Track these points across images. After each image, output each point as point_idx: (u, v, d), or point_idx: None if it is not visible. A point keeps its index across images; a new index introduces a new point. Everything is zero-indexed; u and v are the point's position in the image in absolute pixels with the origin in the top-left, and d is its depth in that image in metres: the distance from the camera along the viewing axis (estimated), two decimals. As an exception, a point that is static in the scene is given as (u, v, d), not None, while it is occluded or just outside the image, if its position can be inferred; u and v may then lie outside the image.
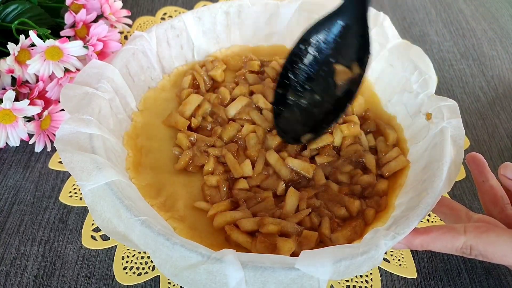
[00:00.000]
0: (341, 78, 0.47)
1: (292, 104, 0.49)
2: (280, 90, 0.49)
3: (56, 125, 0.52)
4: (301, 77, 0.49)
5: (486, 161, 0.42)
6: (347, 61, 0.47)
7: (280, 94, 0.49)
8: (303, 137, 0.48)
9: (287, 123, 0.49)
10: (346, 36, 0.47)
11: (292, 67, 0.49)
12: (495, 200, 0.39)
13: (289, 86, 0.49)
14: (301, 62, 0.49)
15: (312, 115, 0.48)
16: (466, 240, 0.34)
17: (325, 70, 0.48)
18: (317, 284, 0.33)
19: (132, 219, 0.36)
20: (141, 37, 0.53)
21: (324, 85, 0.48)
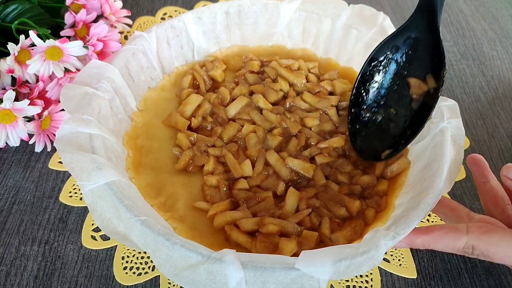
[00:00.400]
0: (415, 91, 0.47)
1: (367, 121, 0.50)
2: (353, 109, 0.50)
3: (56, 125, 0.52)
4: (374, 94, 0.50)
5: (486, 162, 0.42)
6: (421, 74, 0.47)
7: (354, 113, 0.50)
8: (383, 153, 0.47)
9: (364, 141, 0.49)
10: (417, 49, 0.47)
11: (364, 85, 0.50)
12: (496, 201, 0.39)
13: (363, 104, 0.50)
14: (372, 80, 0.49)
15: (388, 130, 0.48)
16: (468, 240, 0.34)
17: (398, 84, 0.48)
18: (317, 284, 0.33)
19: (132, 219, 0.36)
20: (141, 37, 0.53)
21: (398, 99, 0.48)
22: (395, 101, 0.49)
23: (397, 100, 0.48)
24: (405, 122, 0.47)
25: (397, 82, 0.48)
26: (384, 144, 0.48)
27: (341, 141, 0.50)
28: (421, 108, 0.47)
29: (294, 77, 0.56)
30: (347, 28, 0.58)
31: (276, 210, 0.44)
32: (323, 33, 0.60)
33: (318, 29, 0.60)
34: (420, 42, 0.47)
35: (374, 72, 0.49)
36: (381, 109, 0.49)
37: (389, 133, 0.48)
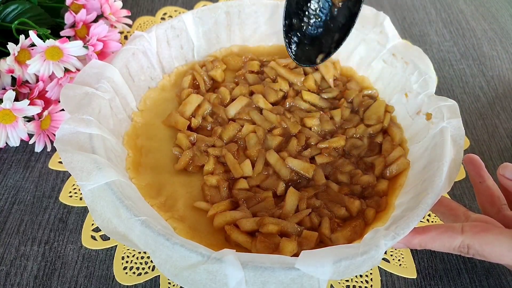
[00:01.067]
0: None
1: (298, 28, 0.52)
2: (287, 20, 0.52)
3: (56, 125, 0.52)
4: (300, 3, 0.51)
5: (483, 162, 0.43)
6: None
7: (288, 25, 0.52)
8: (317, 57, 0.51)
9: (299, 48, 0.52)
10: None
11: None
12: (492, 200, 0.40)
13: (293, 15, 0.52)
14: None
15: (317, 36, 0.52)
16: (463, 239, 0.34)
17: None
18: (317, 284, 0.33)
19: (132, 219, 0.36)
20: (141, 37, 0.53)
21: (320, 6, 0.51)
22: (316, 7, 0.52)
23: (318, 7, 0.51)
24: (333, 28, 0.51)
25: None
26: (316, 49, 0.52)
27: (341, 141, 0.50)
28: (344, 14, 0.50)
29: (294, 77, 0.56)
30: (347, 28, 0.58)
31: (276, 210, 0.44)
32: (323, 33, 0.60)
33: (318, 29, 0.60)
34: None
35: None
36: (305, 17, 0.52)
37: (318, 39, 0.52)
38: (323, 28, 0.52)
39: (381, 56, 0.56)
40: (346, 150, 0.51)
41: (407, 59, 0.53)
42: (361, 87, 0.58)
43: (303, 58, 0.52)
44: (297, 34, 0.52)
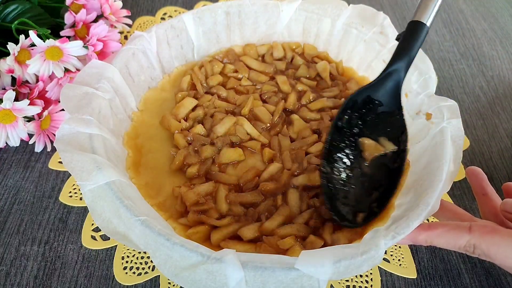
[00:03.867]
0: (370, 152, 0.45)
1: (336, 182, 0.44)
2: (328, 167, 0.45)
3: (56, 125, 0.52)
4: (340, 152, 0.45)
5: (485, 175, 0.43)
6: (374, 136, 0.45)
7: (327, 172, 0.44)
8: (357, 217, 0.42)
9: (337, 202, 0.44)
10: (376, 112, 0.46)
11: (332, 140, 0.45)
12: (495, 212, 0.40)
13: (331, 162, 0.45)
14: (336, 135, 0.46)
15: (351, 192, 0.44)
16: (470, 238, 0.34)
17: (355, 144, 0.45)
18: (317, 284, 0.33)
19: (132, 219, 0.36)
20: (141, 37, 0.53)
21: (356, 160, 0.45)
22: (350, 160, 0.45)
23: (352, 160, 0.45)
24: (364, 183, 0.44)
25: (353, 141, 0.46)
26: (351, 206, 0.43)
27: None
28: (381, 171, 0.44)
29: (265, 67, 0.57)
30: (347, 28, 0.58)
31: (277, 213, 0.44)
32: (323, 33, 0.60)
33: (318, 29, 0.60)
34: (378, 105, 0.46)
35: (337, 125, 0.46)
36: (342, 168, 0.45)
37: (351, 194, 0.44)
38: (355, 185, 0.44)
39: (381, 56, 0.56)
40: None
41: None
42: (361, 87, 0.58)
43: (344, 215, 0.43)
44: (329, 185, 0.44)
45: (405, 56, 0.44)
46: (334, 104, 0.55)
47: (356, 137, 0.46)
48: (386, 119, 0.46)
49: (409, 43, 0.43)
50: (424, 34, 0.43)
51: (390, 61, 0.45)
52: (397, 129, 0.45)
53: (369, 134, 0.46)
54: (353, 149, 0.46)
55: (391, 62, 0.45)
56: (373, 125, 0.46)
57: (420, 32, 0.42)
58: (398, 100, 0.45)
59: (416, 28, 0.43)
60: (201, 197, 0.44)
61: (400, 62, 0.44)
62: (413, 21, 0.43)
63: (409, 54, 0.43)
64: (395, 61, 0.44)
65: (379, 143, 0.45)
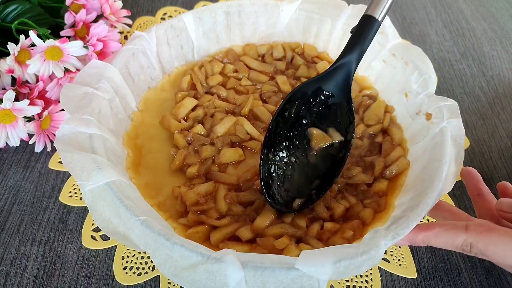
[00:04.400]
0: (318, 142, 0.46)
1: (276, 168, 0.45)
2: (266, 151, 0.45)
3: (56, 125, 0.52)
4: (282, 140, 0.46)
5: (480, 175, 0.43)
6: (325, 127, 0.46)
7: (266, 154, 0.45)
8: (294, 203, 0.44)
9: (276, 188, 0.45)
10: (326, 102, 0.47)
11: (276, 127, 0.46)
12: (491, 213, 0.40)
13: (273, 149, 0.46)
14: (283, 124, 0.46)
15: (293, 179, 0.45)
16: (467, 237, 0.34)
17: (302, 133, 0.46)
18: (317, 284, 0.33)
19: (132, 219, 0.36)
20: (141, 37, 0.53)
21: (302, 149, 0.46)
22: (297, 149, 0.46)
23: (299, 149, 0.46)
24: (308, 172, 0.45)
25: (300, 130, 0.46)
26: (291, 192, 0.44)
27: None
28: (326, 160, 0.45)
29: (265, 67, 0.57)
30: (347, 28, 0.58)
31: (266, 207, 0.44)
32: (323, 32, 0.60)
33: (318, 28, 0.60)
34: (329, 96, 0.46)
35: (284, 115, 0.46)
36: (285, 156, 0.46)
37: (292, 181, 0.45)
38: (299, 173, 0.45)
39: (381, 56, 0.56)
40: None
41: (407, 59, 0.53)
42: (361, 87, 0.58)
43: (278, 199, 0.44)
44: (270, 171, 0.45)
45: (356, 49, 0.44)
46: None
47: (305, 127, 0.47)
48: (336, 110, 0.47)
49: (360, 36, 0.44)
50: (376, 28, 0.43)
51: (341, 54, 0.45)
52: (345, 120, 0.46)
53: (318, 125, 0.47)
54: (301, 138, 0.46)
55: (342, 54, 0.45)
56: (323, 116, 0.47)
57: (371, 26, 0.43)
58: (348, 92, 0.46)
59: (368, 22, 0.43)
60: (201, 197, 0.44)
61: (351, 54, 0.44)
62: (365, 15, 0.44)
63: (360, 47, 0.44)
64: (346, 53, 0.45)
65: (328, 134, 0.46)
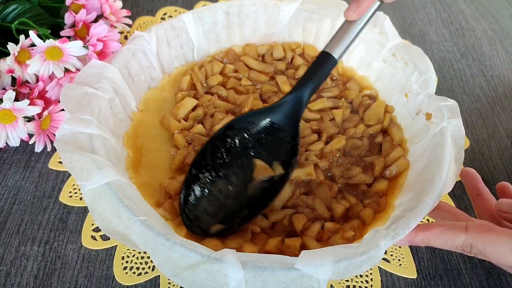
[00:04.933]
0: (260, 174, 0.45)
1: (204, 187, 0.45)
2: (194, 170, 0.45)
3: (56, 125, 0.52)
4: (218, 164, 0.46)
5: (479, 175, 0.43)
6: (269, 159, 0.46)
7: (194, 175, 0.45)
8: (213, 227, 0.42)
9: (196, 208, 0.43)
10: (274, 134, 0.46)
11: (213, 149, 0.46)
12: (490, 213, 0.40)
13: (204, 170, 0.45)
14: (222, 148, 0.46)
15: (223, 205, 0.44)
16: (466, 238, 0.34)
17: (244, 162, 0.46)
18: (317, 284, 0.33)
19: (132, 219, 0.36)
20: (141, 37, 0.53)
21: (240, 177, 0.45)
22: (236, 177, 0.45)
23: (238, 178, 0.45)
24: (246, 201, 0.44)
25: (243, 159, 0.46)
26: (215, 217, 0.43)
27: (342, 141, 0.50)
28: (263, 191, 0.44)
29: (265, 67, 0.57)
30: (347, 28, 0.58)
31: None
32: (323, 33, 0.60)
33: (318, 29, 0.60)
34: (278, 129, 0.46)
35: (226, 140, 0.46)
36: (220, 181, 0.45)
37: (222, 207, 0.44)
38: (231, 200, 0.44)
39: (381, 56, 0.56)
40: (347, 150, 0.51)
41: (407, 59, 0.53)
42: (361, 87, 0.58)
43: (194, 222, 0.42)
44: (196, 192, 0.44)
45: (309, 84, 0.44)
46: (334, 104, 0.55)
47: (250, 157, 0.46)
48: (283, 143, 0.46)
49: (314, 71, 0.44)
50: (331, 65, 0.44)
51: (295, 87, 0.45)
52: (291, 153, 0.45)
53: (264, 156, 0.46)
54: (245, 168, 0.45)
55: (295, 87, 0.45)
56: (269, 148, 0.46)
57: (328, 63, 0.44)
58: (297, 126, 0.46)
59: (325, 59, 0.44)
60: None
61: (304, 88, 0.45)
62: (323, 51, 0.44)
63: (314, 82, 0.44)
64: (299, 87, 0.45)
65: (272, 167, 0.45)
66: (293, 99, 0.45)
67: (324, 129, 0.52)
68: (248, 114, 0.47)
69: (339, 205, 0.45)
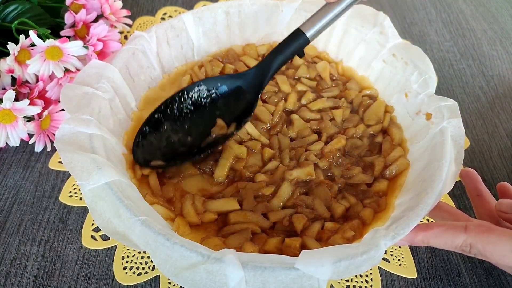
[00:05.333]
0: (217, 131, 0.49)
1: (163, 132, 0.49)
2: (158, 115, 0.50)
3: (56, 125, 0.52)
4: (183, 115, 0.50)
5: (479, 175, 0.43)
6: (229, 119, 0.50)
7: (156, 119, 0.50)
8: (154, 162, 0.47)
9: (148, 144, 0.48)
10: (238, 98, 0.50)
11: (180, 101, 0.51)
12: (490, 214, 0.40)
13: (169, 116, 0.50)
14: (188, 101, 0.51)
15: (173, 148, 0.49)
16: (466, 238, 0.34)
17: (207, 118, 0.50)
18: (317, 284, 0.33)
19: (132, 219, 0.36)
20: (141, 37, 0.53)
21: (199, 131, 0.50)
22: (196, 131, 0.50)
23: (198, 131, 0.50)
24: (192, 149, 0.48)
25: (207, 116, 0.50)
26: (160, 155, 0.47)
27: (342, 141, 0.50)
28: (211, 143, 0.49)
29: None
30: (347, 28, 0.58)
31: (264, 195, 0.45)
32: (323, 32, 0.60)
33: (318, 29, 0.60)
34: (243, 93, 0.50)
35: (194, 95, 0.51)
36: (180, 131, 0.50)
37: (171, 150, 0.48)
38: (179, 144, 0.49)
39: (381, 56, 0.56)
40: (347, 150, 0.51)
41: (407, 59, 0.53)
42: (361, 87, 0.58)
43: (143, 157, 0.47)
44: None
45: (276, 57, 0.48)
46: (334, 104, 0.55)
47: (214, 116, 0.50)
48: (242, 105, 0.50)
49: (284, 46, 0.48)
50: (302, 43, 0.47)
51: (264, 59, 0.50)
52: (246, 114, 0.49)
53: (225, 116, 0.50)
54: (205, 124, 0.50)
55: (264, 59, 0.49)
56: (231, 110, 0.51)
57: (298, 40, 0.47)
58: (258, 93, 0.49)
59: (297, 36, 0.47)
60: None
61: (270, 61, 0.48)
62: (298, 28, 0.47)
63: (281, 56, 0.48)
64: (266, 59, 0.49)
65: (228, 126, 0.49)
66: (259, 69, 0.50)
67: (324, 129, 0.52)
68: (220, 77, 0.51)
69: (339, 205, 0.45)
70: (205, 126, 0.50)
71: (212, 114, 0.50)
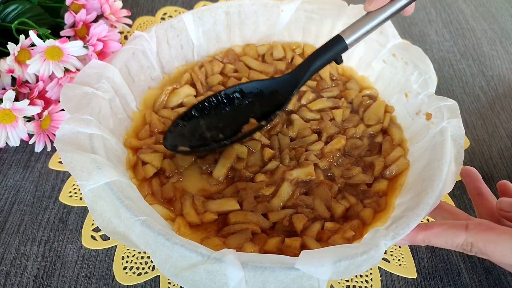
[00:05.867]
0: (247, 128, 0.50)
1: (197, 128, 0.51)
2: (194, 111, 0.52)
3: (56, 125, 0.52)
4: (219, 115, 0.52)
5: (479, 174, 0.43)
6: (260, 118, 0.51)
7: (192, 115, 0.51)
8: (181, 147, 0.48)
9: (179, 134, 0.50)
10: (272, 98, 0.51)
11: (218, 100, 0.52)
12: (491, 212, 0.40)
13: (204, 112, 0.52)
14: (227, 103, 0.52)
15: (204, 143, 0.50)
16: (467, 237, 0.34)
17: (241, 118, 0.51)
18: (317, 284, 0.33)
19: (132, 219, 0.36)
20: (141, 37, 0.53)
21: (233, 129, 0.51)
22: (229, 129, 0.51)
23: (231, 129, 0.51)
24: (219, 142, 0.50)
25: (241, 115, 0.51)
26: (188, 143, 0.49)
27: (342, 141, 0.50)
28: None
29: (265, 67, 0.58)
30: (347, 28, 0.58)
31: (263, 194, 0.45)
32: (323, 33, 0.60)
33: (318, 29, 0.60)
34: (277, 95, 0.51)
35: (233, 97, 0.52)
36: (214, 129, 0.51)
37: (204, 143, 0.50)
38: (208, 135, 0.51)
39: (381, 56, 0.56)
40: (347, 150, 0.51)
41: (407, 59, 0.53)
42: (361, 87, 0.58)
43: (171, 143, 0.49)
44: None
45: (316, 60, 0.48)
46: (334, 104, 0.55)
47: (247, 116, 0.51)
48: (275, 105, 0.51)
49: (324, 51, 0.48)
50: (341, 49, 0.47)
51: (304, 61, 0.49)
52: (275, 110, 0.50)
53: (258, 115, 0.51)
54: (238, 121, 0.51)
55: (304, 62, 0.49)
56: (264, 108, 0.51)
57: (337, 46, 0.47)
58: (291, 93, 0.50)
59: (336, 41, 0.47)
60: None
61: (310, 63, 0.48)
62: (338, 35, 0.47)
63: (320, 60, 0.48)
64: (306, 62, 0.49)
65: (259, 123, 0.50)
66: (296, 71, 0.50)
67: (324, 129, 0.52)
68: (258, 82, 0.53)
69: (339, 205, 0.45)
70: (238, 124, 0.51)
71: (247, 114, 0.51)
